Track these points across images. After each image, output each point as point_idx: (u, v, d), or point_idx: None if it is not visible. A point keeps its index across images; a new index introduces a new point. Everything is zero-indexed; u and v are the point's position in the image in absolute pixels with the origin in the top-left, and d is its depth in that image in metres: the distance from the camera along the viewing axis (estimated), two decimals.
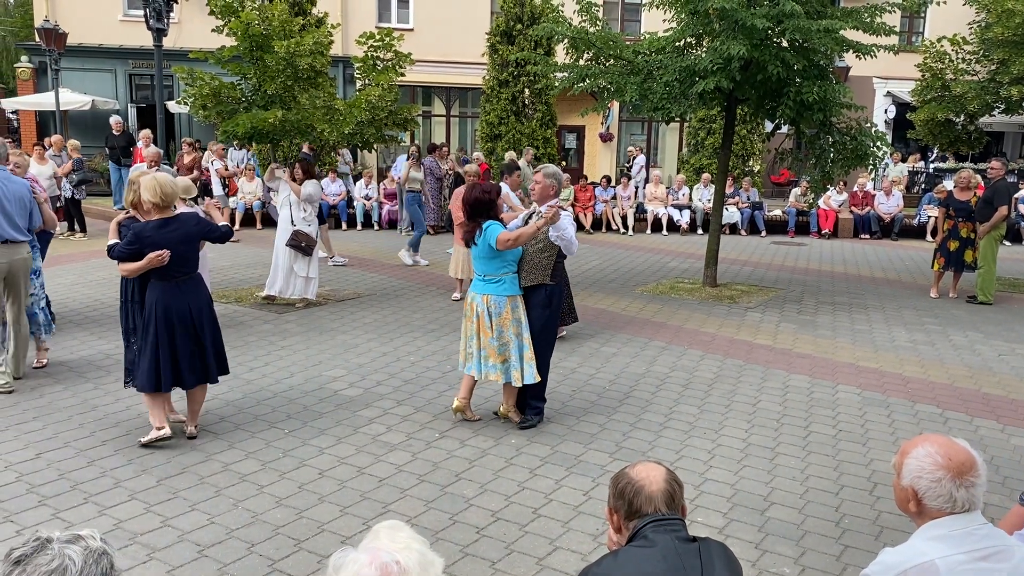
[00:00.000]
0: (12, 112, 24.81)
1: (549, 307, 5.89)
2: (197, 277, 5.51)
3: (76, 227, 14.35)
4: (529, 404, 5.99)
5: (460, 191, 8.76)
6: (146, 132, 15.34)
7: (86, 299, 9.57)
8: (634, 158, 20.99)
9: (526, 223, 5.87)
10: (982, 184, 12.33)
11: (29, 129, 22.81)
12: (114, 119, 18.01)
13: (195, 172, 14.40)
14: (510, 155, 15.88)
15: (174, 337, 5.30)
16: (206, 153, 16.96)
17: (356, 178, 18.15)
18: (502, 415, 6.01)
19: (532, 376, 5.76)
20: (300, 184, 9.30)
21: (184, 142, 16.27)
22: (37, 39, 20.31)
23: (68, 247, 13.20)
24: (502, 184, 8.72)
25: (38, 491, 4.72)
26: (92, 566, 1.60)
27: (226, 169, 16.53)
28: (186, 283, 5.39)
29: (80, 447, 5.35)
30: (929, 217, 16.81)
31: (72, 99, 21.12)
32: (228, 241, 6.24)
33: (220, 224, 5.79)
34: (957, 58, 18.74)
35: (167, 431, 5.36)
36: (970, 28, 18.93)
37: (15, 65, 24.77)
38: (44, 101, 21.02)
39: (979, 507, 2.25)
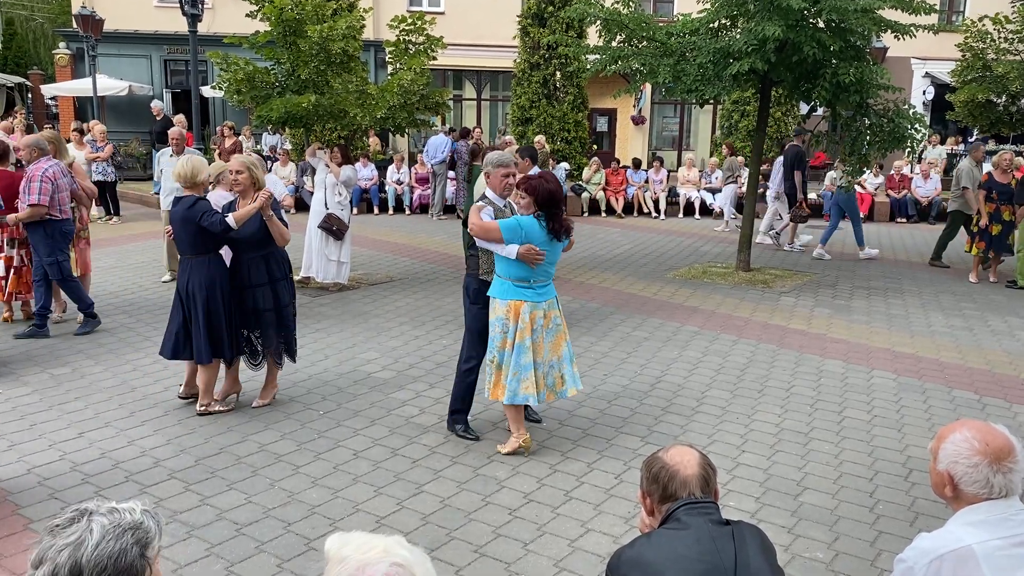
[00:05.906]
0: (51, 98, 25.23)
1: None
2: (204, 259, 5.57)
3: (111, 211, 14.59)
4: None
5: None
6: (180, 118, 15.52)
7: (125, 282, 9.74)
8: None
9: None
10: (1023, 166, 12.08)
11: (67, 115, 23.19)
12: (155, 104, 18.24)
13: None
14: (539, 139, 15.83)
15: (176, 309, 5.64)
16: (240, 137, 17.11)
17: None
18: (525, 448, 5.20)
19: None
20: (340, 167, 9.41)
21: (225, 126, 16.48)
22: (74, 25, 20.66)
23: (107, 231, 13.41)
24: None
25: (81, 469, 4.84)
26: (110, 542, 1.51)
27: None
28: (189, 262, 5.58)
29: (121, 427, 5.46)
30: None
31: (109, 85, 21.44)
32: (225, 233, 5.47)
33: (226, 217, 5.45)
34: (999, 37, 18.30)
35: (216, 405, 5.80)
36: (1013, 6, 18.46)
37: (53, 51, 25.19)
38: (82, 87, 21.35)
39: (1017, 493, 2.23)
